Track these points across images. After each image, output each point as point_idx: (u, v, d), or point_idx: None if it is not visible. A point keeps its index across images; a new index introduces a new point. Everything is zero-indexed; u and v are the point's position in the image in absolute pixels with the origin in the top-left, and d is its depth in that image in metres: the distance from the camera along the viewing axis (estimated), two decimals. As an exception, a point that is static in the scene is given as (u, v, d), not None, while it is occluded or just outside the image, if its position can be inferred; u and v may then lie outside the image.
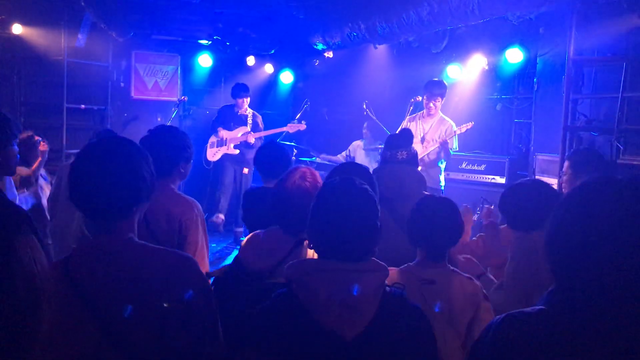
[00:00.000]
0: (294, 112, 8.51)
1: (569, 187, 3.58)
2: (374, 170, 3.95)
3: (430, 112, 6.22)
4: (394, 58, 8.10)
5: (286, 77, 9.51)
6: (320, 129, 9.26)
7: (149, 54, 8.87)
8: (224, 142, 7.64)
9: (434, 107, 6.19)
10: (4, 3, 7.33)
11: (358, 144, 8.04)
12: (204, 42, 8.66)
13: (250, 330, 1.78)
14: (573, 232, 1.36)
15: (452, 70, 7.33)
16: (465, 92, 7.54)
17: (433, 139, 6.11)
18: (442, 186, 6.21)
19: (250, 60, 8.99)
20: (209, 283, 1.80)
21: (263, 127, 7.75)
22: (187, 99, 8.32)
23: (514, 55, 6.63)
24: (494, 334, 1.41)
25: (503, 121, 7.47)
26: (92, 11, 6.84)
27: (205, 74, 9.29)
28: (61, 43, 7.76)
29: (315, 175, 2.58)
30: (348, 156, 8.09)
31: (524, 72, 7.02)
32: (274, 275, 2.40)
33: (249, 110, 7.78)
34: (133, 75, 8.75)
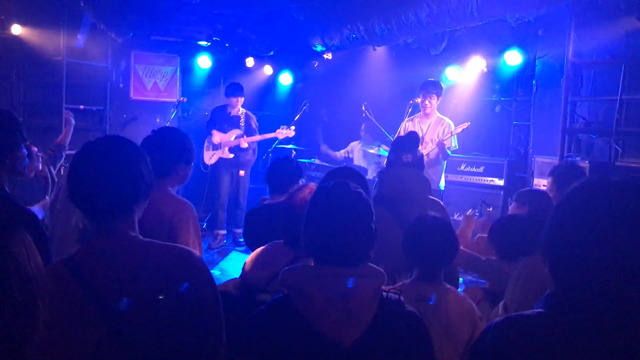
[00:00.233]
0: (293, 114, 8.50)
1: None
2: (379, 172, 3.94)
3: (426, 111, 6.20)
4: (393, 60, 8.11)
5: (285, 79, 9.51)
6: (319, 131, 9.26)
7: (148, 55, 8.86)
8: (219, 146, 7.57)
9: (430, 105, 6.16)
10: (3, 3, 7.32)
11: (356, 145, 8.04)
12: (203, 43, 8.66)
13: (245, 337, 1.76)
14: (571, 234, 1.36)
15: (451, 72, 7.34)
16: (464, 94, 7.55)
17: (432, 139, 6.11)
18: (442, 187, 6.20)
19: (250, 62, 8.99)
20: (212, 277, 1.79)
21: (257, 128, 7.64)
22: (186, 100, 8.31)
23: (513, 58, 6.64)
24: (493, 336, 1.41)
25: (502, 123, 7.48)
26: (92, 12, 6.84)
27: (205, 75, 9.29)
28: (60, 43, 7.75)
29: None
30: (347, 156, 8.09)
31: (522, 75, 7.04)
32: (269, 288, 2.39)
33: (242, 111, 7.62)
34: (132, 76, 8.74)
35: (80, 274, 1.65)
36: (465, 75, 7.35)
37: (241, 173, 7.54)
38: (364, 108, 7.26)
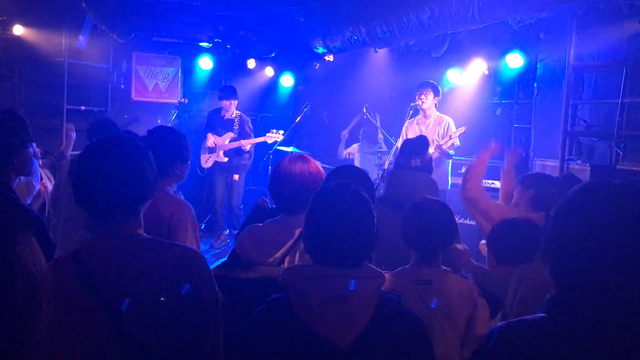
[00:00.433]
0: (294, 115, 8.51)
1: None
2: (388, 173, 3.95)
3: (423, 107, 6.20)
4: (394, 62, 8.11)
5: (286, 80, 9.51)
6: (320, 133, 9.26)
7: (150, 56, 8.87)
8: (214, 149, 7.53)
9: (425, 100, 6.16)
10: (5, 4, 7.33)
11: (354, 149, 8.04)
12: (205, 45, 8.67)
13: (243, 336, 1.76)
14: (572, 237, 1.36)
15: (452, 75, 7.34)
16: (465, 97, 7.55)
17: (433, 139, 6.11)
18: (449, 185, 6.21)
19: (251, 63, 8.99)
20: (214, 278, 1.79)
21: (252, 130, 7.60)
22: (187, 101, 8.32)
23: (514, 60, 6.64)
24: (496, 342, 1.41)
25: (503, 126, 7.47)
26: (93, 13, 6.85)
27: (206, 77, 9.30)
28: (62, 44, 7.76)
29: (305, 162, 2.61)
30: (348, 157, 8.09)
31: (524, 77, 7.03)
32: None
33: (236, 114, 7.58)
34: (133, 77, 8.75)
35: (82, 270, 1.65)
36: (466, 77, 7.35)
37: (235, 177, 7.50)
38: (364, 110, 7.26)
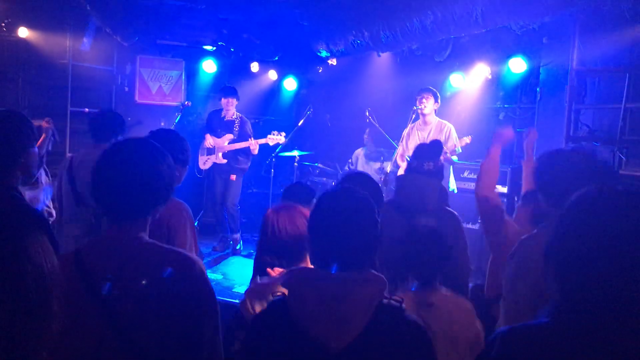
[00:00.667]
0: (297, 119, 8.51)
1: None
2: (398, 177, 3.94)
3: (423, 112, 6.20)
4: (397, 66, 8.12)
5: (290, 84, 9.52)
6: (323, 136, 9.28)
7: (154, 59, 8.89)
8: (213, 150, 7.40)
9: (426, 104, 6.15)
10: (10, 6, 7.37)
11: (359, 152, 8.05)
12: (209, 48, 8.69)
13: (243, 338, 1.78)
14: (576, 243, 1.35)
15: (455, 79, 7.35)
16: (468, 101, 7.55)
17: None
18: (454, 189, 6.21)
19: (254, 67, 9.01)
20: (211, 287, 1.80)
21: (252, 132, 7.46)
22: (191, 104, 8.33)
23: (517, 65, 6.65)
24: (499, 347, 1.40)
25: (505, 130, 7.47)
26: (98, 15, 6.87)
27: (210, 80, 9.31)
28: (66, 47, 7.79)
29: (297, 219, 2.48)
30: (350, 164, 8.09)
31: (526, 82, 7.04)
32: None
33: (236, 115, 7.47)
34: (137, 80, 8.77)
35: (83, 266, 1.68)
36: (469, 82, 7.35)
37: (232, 177, 7.35)
38: (367, 114, 7.27)
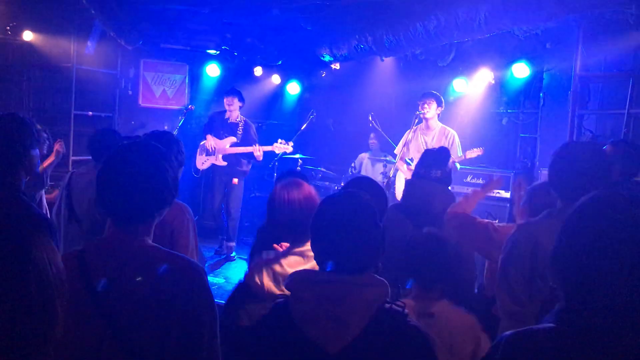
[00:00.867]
0: (300, 123, 8.51)
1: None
2: (406, 182, 3.95)
3: (426, 116, 6.20)
4: (401, 70, 8.12)
5: (293, 88, 9.54)
6: (325, 140, 9.29)
7: (158, 63, 8.92)
8: (213, 152, 7.29)
9: (428, 109, 6.14)
10: (15, 10, 7.40)
11: (364, 156, 8.05)
12: (212, 52, 8.72)
13: (243, 341, 1.80)
14: (581, 249, 1.35)
15: (458, 84, 7.35)
16: (471, 106, 7.56)
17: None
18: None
19: (258, 71, 9.02)
20: (211, 293, 1.81)
21: (257, 137, 7.33)
22: (194, 108, 8.35)
23: (521, 70, 6.65)
24: (504, 351, 1.40)
25: (508, 135, 7.48)
26: (102, 19, 6.89)
27: (213, 84, 9.33)
28: (70, 50, 7.82)
29: (300, 189, 2.57)
30: (353, 168, 8.10)
31: (530, 87, 7.04)
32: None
33: (240, 118, 7.36)
34: (141, 83, 8.80)
35: (85, 267, 1.68)
36: (472, 87, 7.36)
37: (234, 181, 7.25)
38: (370, 118, 7.27)
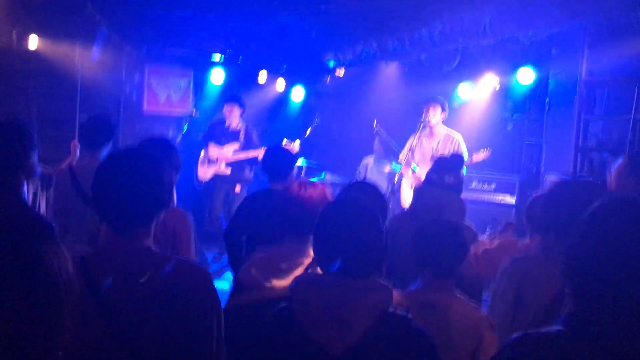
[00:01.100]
0: (304, 128, 8.51)
1: (615, 187, 3.27)
2: (415, 188, 3.94)
3: (431, 122, 6.17)
4: (405, 76, 8.12)
5: (297, 93, 9.53)
6: (330, 146, 9.28)
7: (162, 68, 8.93)
8: (215, 160, 7.21)
9: (433, 114, 6.13)
10: (20, 16, 7.43)
11: (368, 161, 8.03)
12: (217, 58, 8.74)
13: (247, 344, 1.81)
14: (592, 253, 1.35)
15: (464, 89, 7.34)
16: (477, 112, 7.54)
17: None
18: None
19: (262, 76, 9.03)
20: (218, 297, 1.81)
21: (259, 143, 7.28)
22: (198, 112, 8.35)
23: (526, 76, 6.64)
24: (510, 354, 1.39)
25: (514, 141, 7.46)
26: (107, 25, 6.93)
27: (218, 89, 9.33)
28: (75, 56, 7.84)
29: (315, 188, 2.61)
30: (358, 173, 8.08)
31: (535, 92, 7.02)
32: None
33: (241, 124, 7.31)
34: (146, 89, 8.81)
35: (88, 272, 1.68)
36: (477, 92, 7.34)
37: (237, 189, 7.17)
38: (375, 124, 7.26)
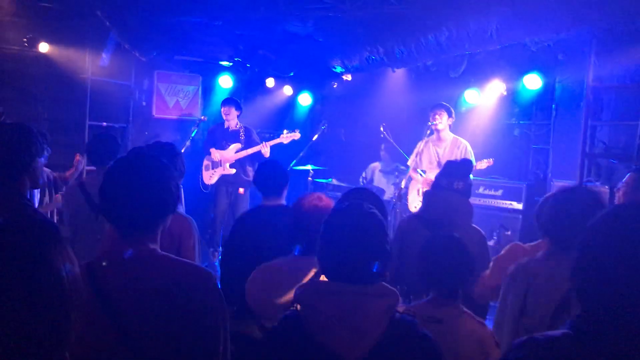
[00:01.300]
0: (311, 134, 8.54)
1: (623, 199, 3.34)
2: (425, 193, 3.95)
3: (437, 127, 6.16)
4: (412, 82, 8.13)
5: (305, 99, 9.58)
6: (337, 151, 9.30)
7: (171, 74, 9.01)
8: (219, 163, 7.34)
9: (440, 120, 6.11)
10: (31, 22, 7.52)
11: (375, 166, 8.04)
12: (225, 64, 8.79)
13: (255, 351, 1.81)
14: (600, 258, 1.35)
15: (470, 95, 7.34)
16: (483, 118, 7.54)
17: (450, 162, 6.08)
18: None
19: (270, 82, 9.08)
20: (224, 300, 1.82)
21: (259, 140, 7.39)
22: (207, 118, 8.40)
23: (533, 81, 6.63)
24: (516, 356, 1.40)
25: (521, 147, 7.44)
26: (117, 31, 6.99)
27: (226, 95, 9.37)
28: (85, 62, 7.92)
29: (329, 199, 2.70)
30: (364, 179, 8.09)
31: (542, 98, 7.01)
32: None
33: (239, 125, 7.44)
34: (155, 95, 8.89)
35: (96, 278, 1.69)
36: (484, 98, 7.34)
37: (240, 191, 7.26)
38: (382, 129, 7.28)
